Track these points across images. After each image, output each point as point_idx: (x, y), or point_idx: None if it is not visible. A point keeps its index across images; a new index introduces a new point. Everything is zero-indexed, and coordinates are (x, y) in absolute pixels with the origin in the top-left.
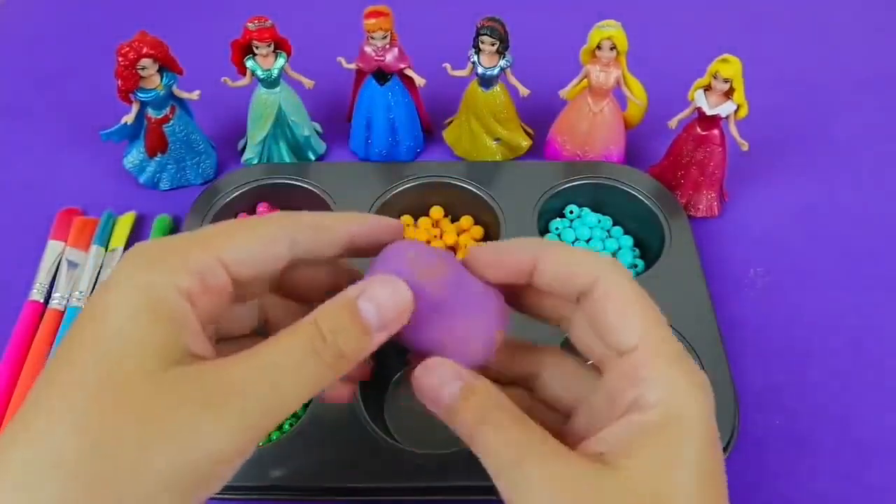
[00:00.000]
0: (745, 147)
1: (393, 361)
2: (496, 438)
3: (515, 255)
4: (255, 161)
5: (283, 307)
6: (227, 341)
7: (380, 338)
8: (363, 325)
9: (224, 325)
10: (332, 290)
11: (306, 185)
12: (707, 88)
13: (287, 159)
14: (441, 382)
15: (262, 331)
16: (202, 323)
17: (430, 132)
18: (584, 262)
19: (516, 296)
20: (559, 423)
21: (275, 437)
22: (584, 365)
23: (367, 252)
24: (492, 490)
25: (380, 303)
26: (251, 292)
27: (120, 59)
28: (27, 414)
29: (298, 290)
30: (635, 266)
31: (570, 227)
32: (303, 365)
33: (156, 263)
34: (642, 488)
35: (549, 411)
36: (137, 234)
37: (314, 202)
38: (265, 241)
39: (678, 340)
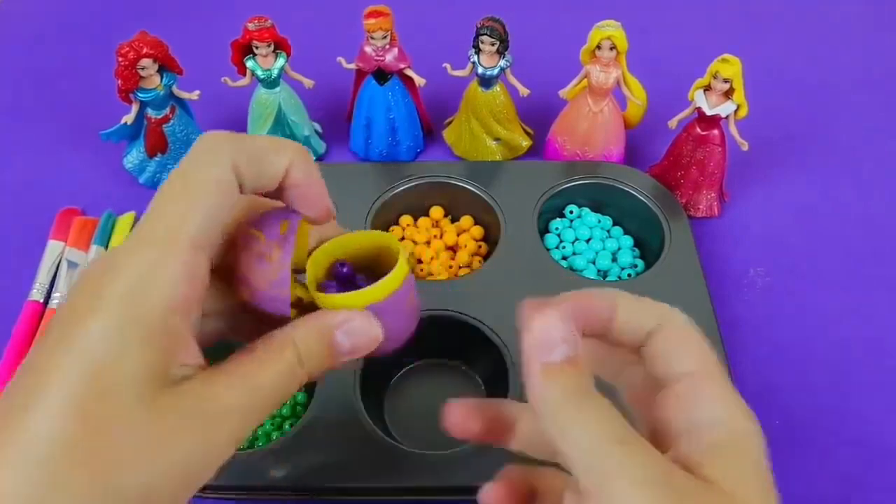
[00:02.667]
0: (745, 147)
1: (392, 363)
2: (585, 430)
3: (597, 302)
4: None
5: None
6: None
7: (343, 362)
8: (335, 355)
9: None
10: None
11: None
12: (707, 88)
13: None
14: (555, 339)
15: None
16: (193, 320)
17: (430, 132)
18: (653, 306)
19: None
20: None
21: (275, 438)
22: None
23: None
24: None
25: (355, 339)
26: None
27: (120, 59)
28: (19, 402)
29: None
30: (635, 266)
31: (570, 227)
32: (283, 387)
33: (142, 283)
34: (724, 492)
35: None
36: None
37: None
38: (217, 195)
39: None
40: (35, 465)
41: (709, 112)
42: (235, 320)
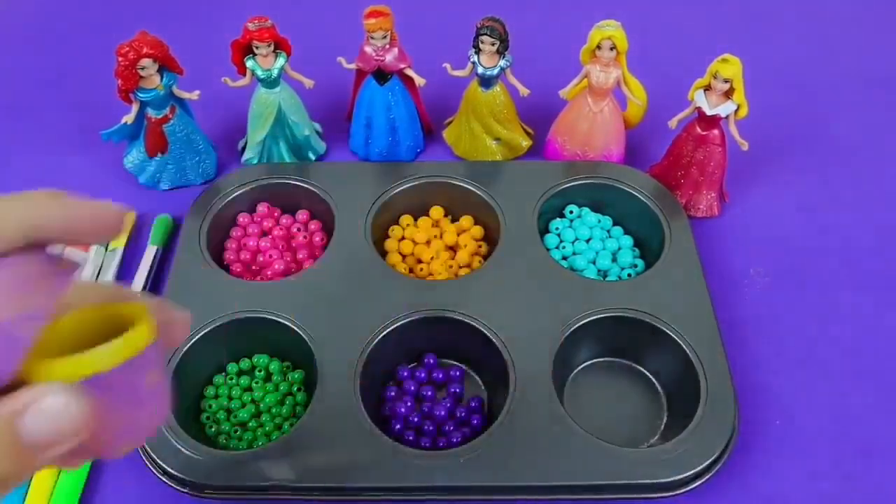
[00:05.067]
0: (745, 147)
1: (392, 361)
2: None
3: None
4: (255, 161)
5: None
6: None
7: (52, 454)
8: (24, 449)
9: None
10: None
11: (306, 185)
12: (707, 88)
13: (287, 159)
14: None
15: None
16: None
17: (430, 132)
18: None
19: None
20: None
21: (275, 438)
22: None
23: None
24: (491, 490)
25: (51, 418)
26: None
27: (120, 59)
28: None
29: None
30: (635, 266)
31: (570, 227)
32: None
33: None
34: None
35: None
36: (137, 234)
37: (314, 202)
38: None
39: None
40: None
41: (709, 112)
42: None
